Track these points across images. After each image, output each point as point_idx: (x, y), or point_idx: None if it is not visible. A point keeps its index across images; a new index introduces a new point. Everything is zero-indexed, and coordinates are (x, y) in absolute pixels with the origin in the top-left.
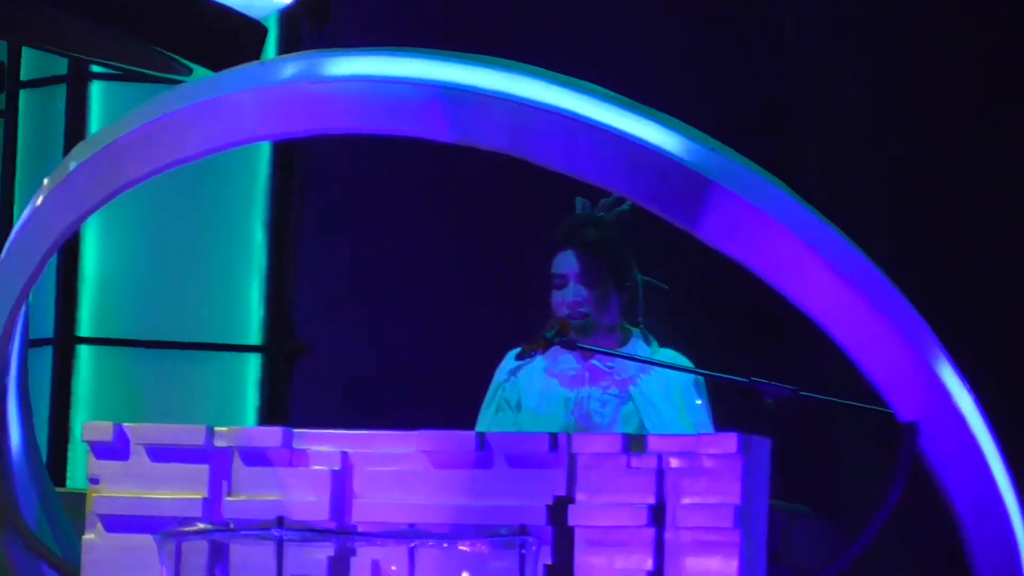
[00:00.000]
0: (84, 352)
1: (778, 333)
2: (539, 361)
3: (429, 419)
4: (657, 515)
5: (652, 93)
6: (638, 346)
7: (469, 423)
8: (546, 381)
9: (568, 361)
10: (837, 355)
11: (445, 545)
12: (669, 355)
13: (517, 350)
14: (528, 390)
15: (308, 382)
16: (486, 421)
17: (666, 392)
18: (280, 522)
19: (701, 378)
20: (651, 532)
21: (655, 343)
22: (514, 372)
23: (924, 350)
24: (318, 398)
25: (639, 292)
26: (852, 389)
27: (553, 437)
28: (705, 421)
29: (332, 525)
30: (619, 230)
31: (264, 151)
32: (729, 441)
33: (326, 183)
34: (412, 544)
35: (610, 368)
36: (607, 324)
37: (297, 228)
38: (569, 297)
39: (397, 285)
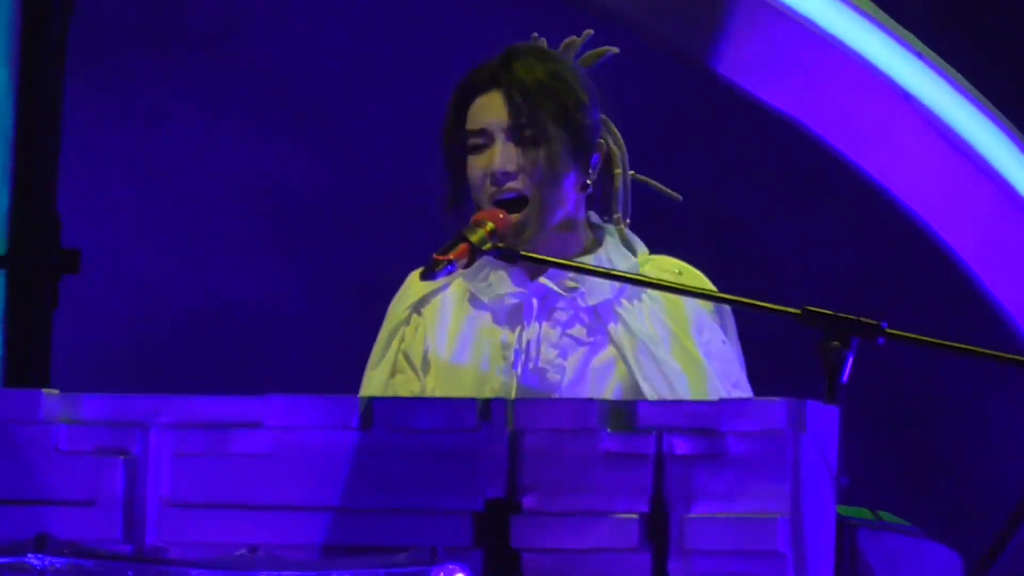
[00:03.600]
0: None
1: (841, 233)
2: (458, 284)
3: (274, 377)
4: (655, 532)
5: None
6: (615, 254)
7: (340, 385)
8: (470, 316)
9: (502, 281)
10: (937, 274)
11: None
12: (669, 268)
13: (420, 271)
14: (441, 332)
15: (79, 313)
16: (374, 389)
17: (667, 330)
18: (40, 543)
19: (726, 308)
20: (645, 559)
21: (643, 248)
22: (419, 306)
23: None
24: (96, 339)
25: (620, 175)
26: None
27: (484, 404)
28: (736, 374)
29: (126, 548)
30: (588, 78)
31: None
32: (772, 410)
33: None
34: None
35: (571, 291)
36: (561, 217)
37: (62, 68)
38: (494, 164)
39: (220, 162)
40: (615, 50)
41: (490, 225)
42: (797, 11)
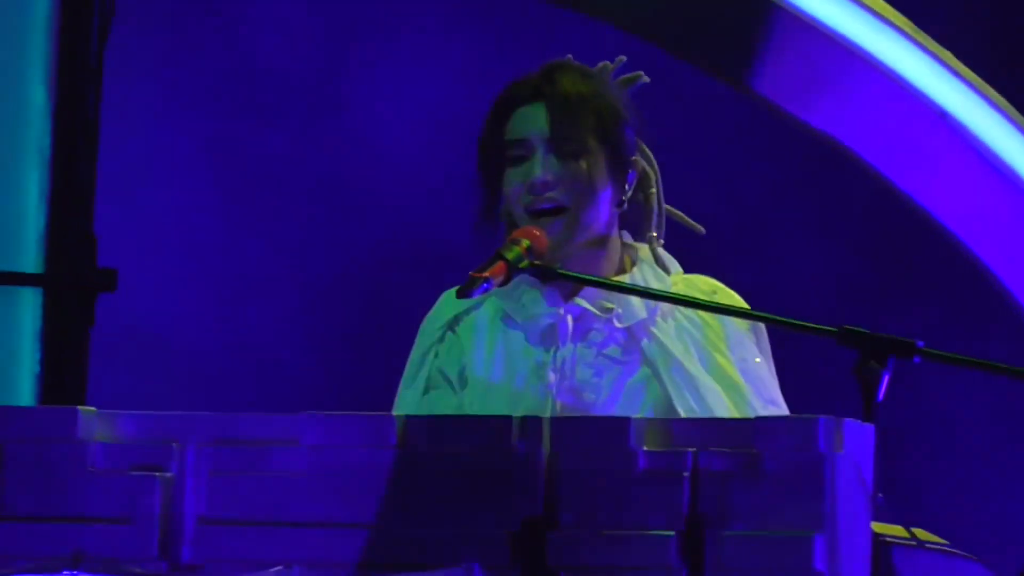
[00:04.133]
0: None
1: (873, 249)
2: (491, 303)
3: (308, 396)
4: (689, 550)
5: None
6: (649, 273)
7: (376, 403)
8: (504, 335)
9: (537, 301)
10: (972, 292)
11: None
12: (704, 287)
13: (454, 290)
14: (477, 351)
15: (116, 333)
16: (408, 407)
17: (702, 348)
18: (76, 559)
19: (760, 325)
20: None
21: (677, 268)
22: (453, 324)
23: None
24: (132, 358)
25: (654, 195)
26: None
27: (521, 422)
28: (771, 392)
29: (162, 566)
30: (626, 97)
31: None
32: (807, 428)
33: (147, 13)
34: None
35: (607, 312)
36: (595, 233)
37: (99, 87)
38: (534, 174)
39: (256, 180)
40: (647, 78)
41: (526, 243)
42: (835, 29)
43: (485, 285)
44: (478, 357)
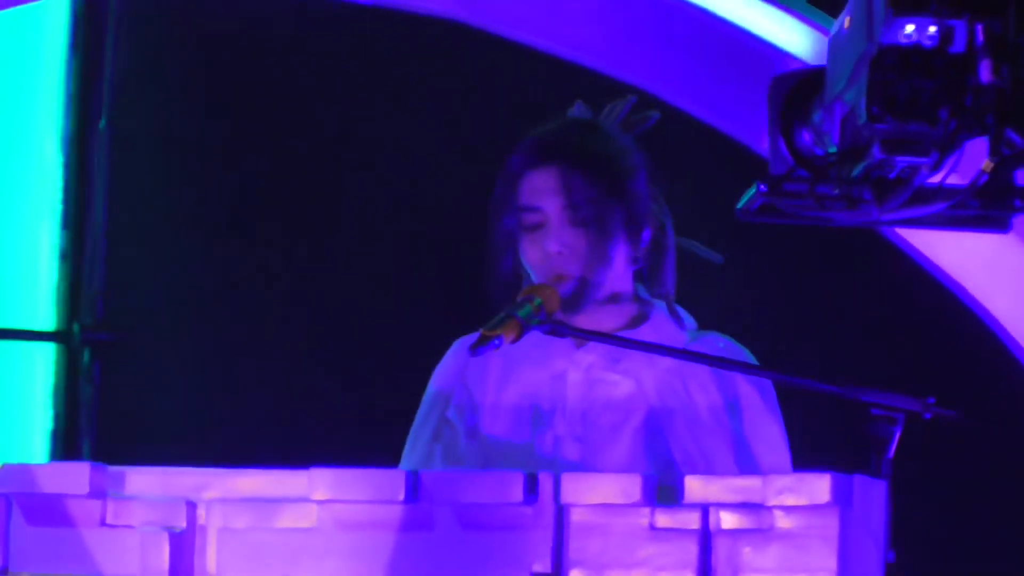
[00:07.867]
0: None
1: (880, 310)
2: (501, 353)
3: (316, 450)
4: None
5: None
6: (663, 328)
7: (383, 457)
8: (514, 384)
9: (546, 351)
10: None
11: None
12: (715, 344)
13: (468, 338)
14: (486, 399)
15: (127, 388)
16: (419, 455)
17: (710, 405)
18: None
19: (769, 383)
20: None
21: (692, 323)
22: (464, 372)
23: None
24: (143, 412)
25: (669, 247)
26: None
27: (531, 477)
28: (779, 452)
29: None
30: (636, 148)
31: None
32: (818, 484)
33: (155, 80)
34: None
35: (616, 364)
36: (609, 291)
37: (108, 149)
38: (551, 245)
39: (263, 243)
40: (657, 115)
41: (538, 300)
42: None
43: (496, 342)
44: (486, 405)
